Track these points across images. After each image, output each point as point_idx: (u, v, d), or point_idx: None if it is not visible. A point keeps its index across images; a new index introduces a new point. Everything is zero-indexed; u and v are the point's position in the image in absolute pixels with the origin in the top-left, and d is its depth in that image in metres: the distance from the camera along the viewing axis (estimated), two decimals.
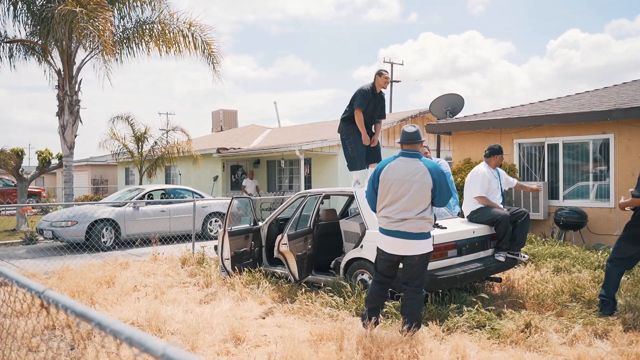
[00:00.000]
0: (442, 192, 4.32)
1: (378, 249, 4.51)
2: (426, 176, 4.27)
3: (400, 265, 4.50)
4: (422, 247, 4.31)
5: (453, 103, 12.38)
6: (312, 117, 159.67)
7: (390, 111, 34.69)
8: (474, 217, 5.98)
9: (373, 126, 6.91)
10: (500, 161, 6.26)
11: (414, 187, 4.26)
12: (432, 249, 4.46)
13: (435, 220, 4.71)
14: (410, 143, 4.47)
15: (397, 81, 37.33)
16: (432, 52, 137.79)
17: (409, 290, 4.38)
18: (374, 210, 4.60)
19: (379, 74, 6.51)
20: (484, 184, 5.98)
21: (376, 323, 4.36)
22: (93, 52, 13.66)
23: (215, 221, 13.13)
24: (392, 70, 36.96)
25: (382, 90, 6.62)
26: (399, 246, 4.32)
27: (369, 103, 6.48)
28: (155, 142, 18.29)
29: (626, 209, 5.34)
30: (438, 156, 12.78)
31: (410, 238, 4.27)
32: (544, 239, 8.76)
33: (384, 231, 4.41)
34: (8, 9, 13.23)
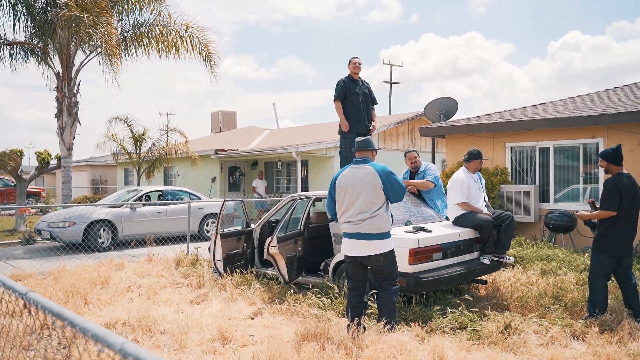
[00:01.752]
0: (394, 189, 4.64)
1: (345, 256, 4.78)
2: (375, 178, 4.59)
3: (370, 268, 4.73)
4: (382, 247, 4.56)
5: (447, 106, 12.51)
6: (312, 118, 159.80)
7: (390, 113, 34.90)
8: (459, 223, 6.11)
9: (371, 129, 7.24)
10: (480, 166, 6.37)
11: (365, 189, 4.59)
12: (392, 247, 4.67)
13: (393, 219, 4.94)
14: (360, 150, 4.87)
15: (397, 83, 37.52)
16: (433, 53, 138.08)
17: (385, 284, 4.67)
18: (334, 217, 4.92)
19: (349, 61, 7.04)
20: (464, 190, 6.10)
21: (364, 328, 4.49)
22: (92, 54, 13.82)
23: (212, 222, 13.26)
24: (391, 71, 37.19)
25: (360, 77, 7.14)
26: (360, 247, 4.58)
27: (347, 92, 6.92)
28: (153, 144, 18.43)
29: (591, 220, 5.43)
30: (433, 159, 12.93)
31: (370, 239, 4.54)
32: (533, 242, 8.90)
33: (346, 235, 4.71)
34: (8, 11, 13.36)
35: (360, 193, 4.59)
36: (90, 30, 11.72)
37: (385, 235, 4.59)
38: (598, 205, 5.48)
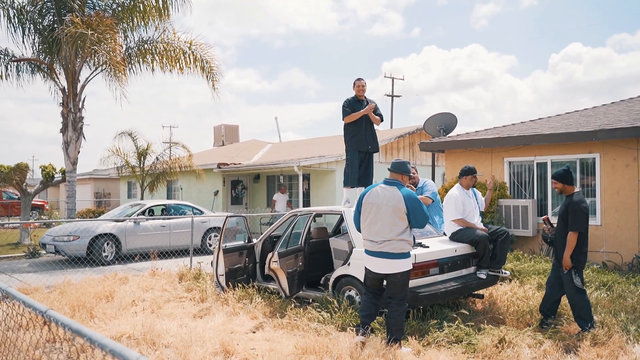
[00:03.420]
0: (417, 216, 4.86)
1: (365, 268, 5.07)
2: (400, 202, 4.82)
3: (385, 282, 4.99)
4: (402, 266, 4.85)
5: (446, 121, 12.71)
6: (315, 130, 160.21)
7: (391, 126, 35.12)
8: (455, 238, 6.26)
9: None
10: (472, 181, 6.54)
11: (389, 211, 4.84)
12: (411, 267, 4.95)
13: (414, 241, 5.14)
14: (393, 172, 5.10)
15: (398, 96, 37.82)
16: (435, 66, 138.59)
17: (394, 303, 4.89)
18: (359, 230, 5.18)
19: (354, 83, 7.25)
20: (458, 206, 6.26)
21: (372, 331, 4.85)
22: (97, 70, 14.07)
23: (215, 236, 13.40)
24: (392, 85, 37.49)
25: (366, 96, 7.30)
26: (382, 265, 4.87)
27: (352, 111, 7.12)
28: (157, 158, 18.66)
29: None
30: (433, 172, 13.10)
31: (392, 258, 4.82)
32: (531, 256, 9.02)
33: (368, 252, 4.98)
34: (17, 29, 13.64)
35: (384, 215, 4.85)
36: (95, 47, 11.99)
37: (406, 255, 4.87)
38: (552, 222, 5.82)
